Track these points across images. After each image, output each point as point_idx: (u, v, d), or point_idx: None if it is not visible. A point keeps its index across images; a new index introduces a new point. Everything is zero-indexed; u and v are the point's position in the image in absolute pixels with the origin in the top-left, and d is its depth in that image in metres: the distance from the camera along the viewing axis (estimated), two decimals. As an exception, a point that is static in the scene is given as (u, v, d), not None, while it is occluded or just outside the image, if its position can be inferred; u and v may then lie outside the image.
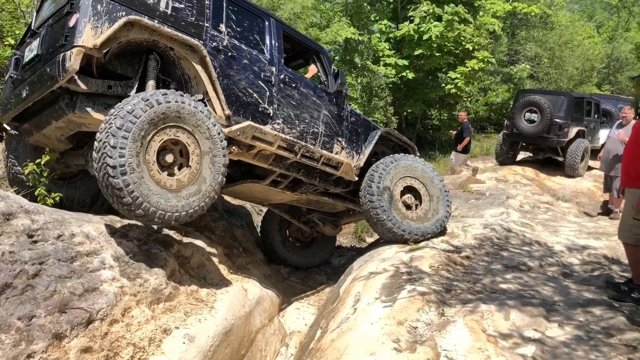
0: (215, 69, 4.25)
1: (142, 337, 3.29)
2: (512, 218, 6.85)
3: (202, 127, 3.83)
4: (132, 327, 3.29)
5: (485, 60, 14.55)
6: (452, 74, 14.88)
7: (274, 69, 4.81)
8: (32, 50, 4.09)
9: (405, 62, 14.67)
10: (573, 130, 11.43)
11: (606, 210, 8.76)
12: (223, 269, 4.74)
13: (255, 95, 4.59)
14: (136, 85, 4.03)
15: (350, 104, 5.79)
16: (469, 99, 18.29)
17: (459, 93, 15.23)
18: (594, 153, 12.09)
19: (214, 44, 4.33)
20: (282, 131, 4.79)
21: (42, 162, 4.21)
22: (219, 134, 3.94)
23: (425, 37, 14.03)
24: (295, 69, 6.48)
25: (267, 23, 4.92)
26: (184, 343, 3.42)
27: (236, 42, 4.55)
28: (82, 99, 3.78)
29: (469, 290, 4.17)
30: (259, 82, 4.64)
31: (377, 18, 15.61)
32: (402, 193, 5.58)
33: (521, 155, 13.21)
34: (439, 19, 14.05)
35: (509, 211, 7.18)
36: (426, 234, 5.41)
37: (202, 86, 4.18)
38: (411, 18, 14.42)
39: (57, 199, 4.35)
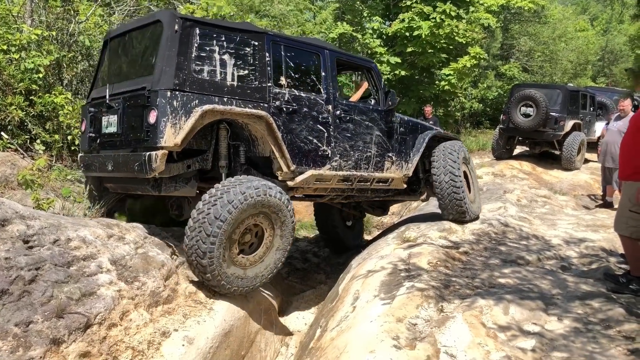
0: (279, 127, 4.36)
1: (141, 340, 3.27)
2: (510, 212, 6.84)
3: (284, 250, 4.20)
4: (130, 331, 3.27)
5: (477, 56, 14.55)
6: (445, 71, 14.87)
7: (330, 107, 4.86)
8: (111, 124, 4.22)
9: (398, 60, 14.65)
10: (569, 124, 11.43)
11: (605, 202, 8.77)
12: (221, 270, 4.73)
13: (315, 140, 4.71)
14: (211, 158, 4.33)
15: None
16: (464, 95, 18.25)
17: (452, 90, 15.23)
18: (591, 146, 12.11)
19: (277, 102, 4.41)
20: (339, 167, 4.93)
21: (35, 168, 4.24)
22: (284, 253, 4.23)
23: (415, 33, 14.01)
24: (343, 73, 6.89)
25: (321, 57, 4.92)
26: (183, 345, 3.41)
27: (296, 92, 4.60)
28: (166, 182, 4.11)
29: (468, 286, 4.17)
30: (318, 126, 4.74)
31: (370, 14, 15.60)
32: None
33: (518, 150, 13.20)
34: (427, 17, 14.04)
35: (506, 206, 7.18)
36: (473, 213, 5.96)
37: (268, 146, 4.34)
38: (401, 19, 14.43)
39: (53, 204, 4.36)
